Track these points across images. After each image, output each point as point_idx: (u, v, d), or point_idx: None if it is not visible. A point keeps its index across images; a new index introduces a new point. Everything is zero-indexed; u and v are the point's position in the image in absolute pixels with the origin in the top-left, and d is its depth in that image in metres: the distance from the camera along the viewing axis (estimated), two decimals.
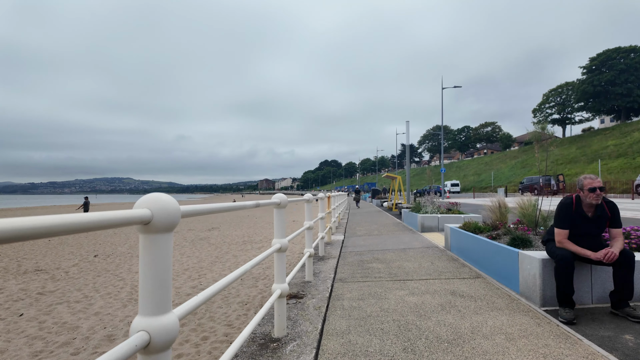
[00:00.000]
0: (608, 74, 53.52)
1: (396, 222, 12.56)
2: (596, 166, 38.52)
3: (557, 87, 68.18)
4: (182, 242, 13.24)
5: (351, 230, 10.77)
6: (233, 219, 23.52)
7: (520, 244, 4.18)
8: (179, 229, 17.82)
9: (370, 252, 6.71)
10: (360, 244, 7.78)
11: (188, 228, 18.11)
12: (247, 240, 13.63)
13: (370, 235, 9.18)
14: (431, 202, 10.27)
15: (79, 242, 13.70)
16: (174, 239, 14.28)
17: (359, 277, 4.77)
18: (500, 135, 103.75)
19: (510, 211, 6.36)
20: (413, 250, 6.68)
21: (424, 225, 9.25)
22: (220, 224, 20.54)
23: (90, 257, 10.41)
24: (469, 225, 5.87)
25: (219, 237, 14.71)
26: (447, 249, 6.53)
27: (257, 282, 7.30)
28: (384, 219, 13.92)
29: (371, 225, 11.88)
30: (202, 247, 12.18)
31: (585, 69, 57.63)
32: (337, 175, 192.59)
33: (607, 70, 54.65)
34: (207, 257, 10.28)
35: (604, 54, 54.70)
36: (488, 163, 79.03)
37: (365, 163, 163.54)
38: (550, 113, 71.05)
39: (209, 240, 13.83)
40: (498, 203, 6.22)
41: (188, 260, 9.84)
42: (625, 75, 52.21)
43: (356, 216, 16.65)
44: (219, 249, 11.57)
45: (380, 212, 18.25)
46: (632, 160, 34.12)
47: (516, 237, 4.25)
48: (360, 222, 13.10)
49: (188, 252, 11.09)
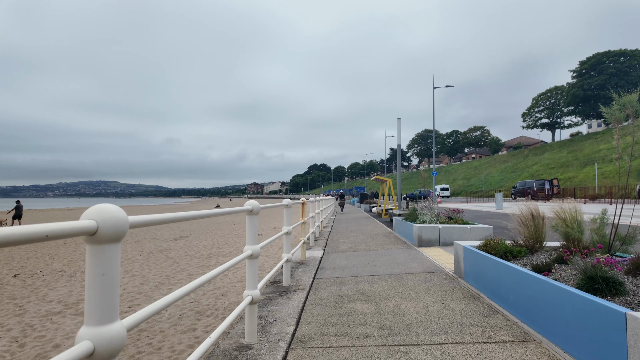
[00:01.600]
0: (598, 78, 53.10)
1: (387, 231, 10.80)
2: (589, 170, 37.56)
3: (546, 91, 67.85)
4: (135, 256, 11.24)
5: (333, 242, 8.96)
6: (208, 226, 21.51)
7: (606, 288, 2.43)
8: (140, 238, 15.77)
9: (353, 279, 4.91)
10: (341, 265, 5.97)
11: (152, 237, 16.08)
12: (214, 252, 11.71)
13: (355, 251, 7.39)
14: (429, 208, 8.52)
15: (10, 255, 11.57)
16: (131, 250, 12.28)
17: (333, 335, 2.96)
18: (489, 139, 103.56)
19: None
20: (412, 276, 4.89)
21: (422, 238, 7.49)
22: (192, 231, 18.54)
23: (7, 278, 8.37)
24: (494, 245, 4.12)
25: (183, 248, 12.73)
26: (459, 276, 4.76)
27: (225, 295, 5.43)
28: (373, 228, 12.15)
29: (357, 235, 10.10)
30: (156, 261, 10.22)
31: (576, 72, 57.21)
32: (326, 179, 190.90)
33: (597, 74, 54.26)
34: (156, 276, 8.34)
35: (594, 57, 54.31)
36: (477, 167, 78.26)
37: (354, 167, 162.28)
38: (539, 117, 70.69)
39: (169, 252, 11.86)
40: (531, 212, 4.49)
41: (130, 281, 7.90)
42: (615, 79, 51.81)
43: (341, 223, 14.86)
44: (174, 265, 9.62)
45: (369, 219, 16.50)
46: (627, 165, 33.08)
47: (595, 277, 2.50)
48: (345, 232, 11.30)
49: (135, 269, 9.13)
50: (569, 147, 51.50)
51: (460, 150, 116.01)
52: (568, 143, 54.04)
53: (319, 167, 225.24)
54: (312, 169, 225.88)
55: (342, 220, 16.98)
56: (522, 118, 74.62)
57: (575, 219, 4.27)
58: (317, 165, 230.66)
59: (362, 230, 11.60)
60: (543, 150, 59.90)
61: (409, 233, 8.33)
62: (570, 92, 57.18)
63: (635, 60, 51.33)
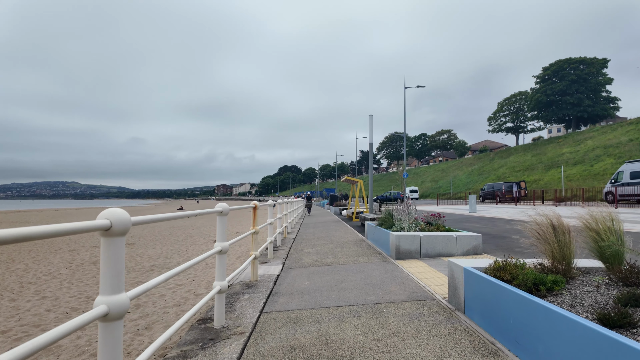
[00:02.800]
0: (560, 84, 54.84)
1: (358, 238, 9.57)
2: (554, 173, 38.33)
3: (511, 96, 69.69)
4: (61, 269, 9.41)
5: (297, 253, 7.61)
6: (163, 230, 19.56)
7: None
8: (78, 246, 13.78)
9: (315, 313, 3.58)
10: (301, 288, 4.64)
11: (92, 244, 14.10)
12: (158, 264, 10.06)
13: (321, 265, 6.08)
14: (407, 212, 7.34)
15: None
16: (58, 262, 10.39)
17: None
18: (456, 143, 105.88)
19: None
20: (393, 308, 3.63)
21: (400, 249, 6.28)
22: (142, 237, 16.63)
23: None
24: (512, 270, 2.91)
25: None
26: (457, 307, 3.54)
27: None
28: (342, 234, 10.90)
29: (325, 244, 8.79)
30: (83, 276, 8.48)
31: (539, 78, 58.94)
32: (297, 181, 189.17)
33: (559, 80, 56.06)
34: (72, 299, 6.67)
35: (556, 64, 56.11)
36: (444, 170, 79.35)
37: (325, 169, 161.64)
38: (504, 121, 72.55)
39: None
40: (551, 222, 3.34)
41: (33, 307, 6.20)
42: (576, 85, 53.68)
43: (309, 228, 13.52)
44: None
45: (338, 223, 15.27)
46: (590, 168, 33.96)
47: None
48: (312, 239, 9.98)
49: (51, 288, 7.39)
50: (533, 150, 52.80)
51: (427, 154, 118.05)
52: (532, 147, 55.44)
53: (290, 168, 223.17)
54: (283, 170, 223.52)
55: (310, 224, 15.65)
56: (488, 122, 76.45)
57: (612, 230, 3.17)
58: (287, 166, 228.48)
59: (330, 236, 10.31)
60: (508, 154, 61.30)
61: (384, 242, 7.12)
62: (534, 97, 58.84)
63: (593, 67, 53.46)
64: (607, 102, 54.80)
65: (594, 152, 37.65)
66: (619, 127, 41.76)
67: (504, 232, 9.61)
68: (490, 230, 10.28)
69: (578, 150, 41.10)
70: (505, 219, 14.11)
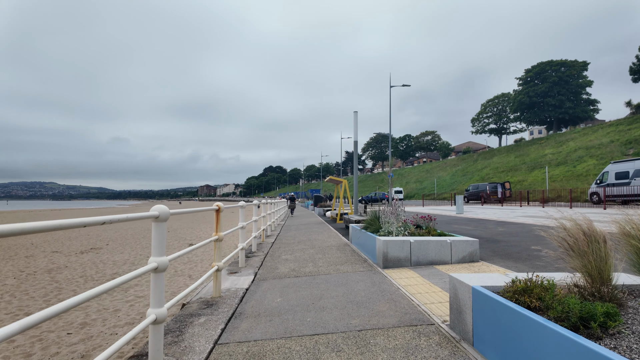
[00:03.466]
0: (542, 86, 55.46)
1: (342, 242, 8.83)
2: (537, 173, 38.49)
3: (494, 97, 70.30)
4: (7, 279, 8.36)
5: (273, 260, 6.81)
6: (136, 234, 18.44)
7: None
8: (37, 252, 12.62)
9: (283, 347, 2.80)
10: (272, 307, 3.85)
11: (54, 249, 12.97)
12: (123, 272, 9.10)
13: (298, 276, 5.30)
14: (395, 214, 6.62)
15: None
16: (8, 270, 9.31)
17: None
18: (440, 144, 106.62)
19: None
20: (383, 338, 2.88)
21: (388, 257, 5.55)
22: (112, 240, 15.53)
23: None
24: (542, 294, 2.19)
25: (86, 265, 9.96)
26: (463, 336, 2.81)
27: None
28: (325, 237, 10.14)
29: (305, 249, 8.01)
30: (30, 288, 7.47)
31: (521, 80, 59.52)
32: (282, 181, 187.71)
33: (540, 82, 56.71)
34: (7, 316, 5.71)
35: (538, 66, 56.74)
36: (429, 171, 79.61)
37: (310, 169, 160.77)
38: (487, 122, 73.16)
39: (61, 272, 9.06)
40: (582, 230, 2.64)
41: None
42: (557, 87, 54.36)
43: (290, 231, 12.71)
44: (52, 294, 6.97)
45: (322, 225, 14.51)
46: (573, 169, 34.13)
47: None
48: (292, 243, 9.18)
49: None
50: (516, 151, 53.20)
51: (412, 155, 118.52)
52: (515, 148, 55.90)
53: (275, 169, 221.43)
54: (268, 171, 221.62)
55: (292, 226, 14.84)
56: (472, 123, 76.99)
57: None
58: (272, 167, 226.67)
59: (312, 240, 9.53)
60: (491, 155, 61.72)
61: (370, 247, 6.39)
62: (517, 98, 59.41)
63: (574, 70, 54.27)
64: (587, 104, 55.73)
65: (576, 153, 37.95)
66: (600, 129, 42.32)
67: (497, 235, 9.02)
68: (482, 233, 9.69)
69: (560, 151, 41.44)
70: (495, 220, 13.60)
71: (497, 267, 5.23)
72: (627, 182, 19.35)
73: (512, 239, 8.29)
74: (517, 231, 9.75)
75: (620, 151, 31.94)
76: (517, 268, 5.20)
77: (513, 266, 5.34)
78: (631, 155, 30.28)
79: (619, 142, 34.54)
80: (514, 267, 5.30)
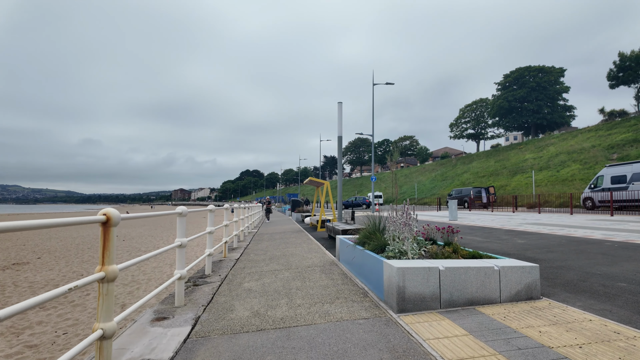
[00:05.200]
0: (521, 91, 55.52)
1: (327, 260, 6.80)
2: (520, 178, 37.77)
3: (472, 102, 70.30)
4: None
5: (230, 291, 4.70)
6: (82, 243, 15.80)
7: None
8: None
9: None
10: None
11: None
12: None
13: (263, 329, 3.24)
14: (407, 225, 4.65)
15: None
16: None
17: None
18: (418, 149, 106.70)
19: None
20: None
21: (406, 293, 3.55)
22: (50, 252, 12.92)
23: None
24: None
25: None
26: None
27: None
28: (305, 251, 8.08)
29: (279, 271, 5.93)
30: None
31: (500, 85, 59.54)
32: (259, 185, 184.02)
33: (519, 88, 56.81)
34: None
35: (517, 71, 56.85)
36: (407, 175, 78.91)
37: (288, 174, 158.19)
38: (465, 127, 73.13)
39: None
40: None
41: None
42: (535, 92, 54.50)
43: (262, 242, 10.57)
44: None
45: (300, 234, 12.44)
46: (556, 173, 33.44)
47: None
48: (261, 260, 7.07)
49: None
50: (496, 156, 52.84)
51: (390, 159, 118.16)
52: (494, 153, 55.62)
53: (252, 173, 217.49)
54: (244, 175, 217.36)
55: (265, 235, 12.70)
56: (450, 128, 76.85)
57: None
58: (249, 171, 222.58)
59: (287, 256, 7.45)
60: (470, 160, 61.35)
61: (371, 273, 4.40)
62: (496, 103, 59.35)
63: (552, 76, 54.62)
64: (564, 110, 56.20)
65: (558, 157, 37.46)
66: (579, 134, 42.21)
67: (525, 251, 7.17)
68: (501, 246, 7.87)
69: (541, 156, 40.98)
70: (501, 229, 11.89)
71: (582, 314, 3.34)
72: (625, 187, 18.28)
73: (550, 256, 6.47)
74: (545, 244, 7.96)
75: (605, 156, 31.46)
76: (614, 314, 3.33)
77: (602, 309, 3.48)
78: (615, 159, 29.77)
79: (601, 147, 34.18)
80: (604, 310, 3.44)
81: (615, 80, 42.89)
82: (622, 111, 47.87)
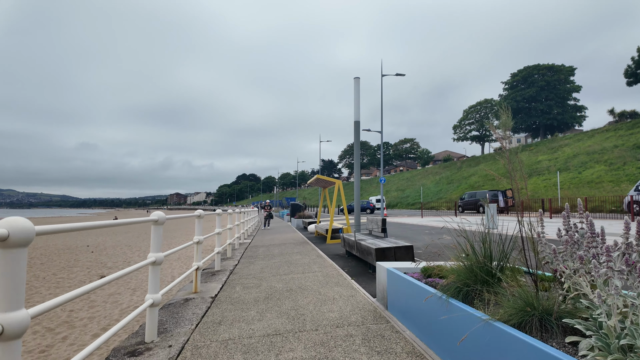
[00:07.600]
0: (529, 90, 53.14)
1: (361, 303, 4.03)
2: (537, 180, 35.16)
3: (476, 103, 67.95)
4: None
5: None
6: (53, 253, 12.96)
7: None
8: None
9: None
10: None
11: None
12: None
13: None
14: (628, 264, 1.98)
15: None
16: None
17: None
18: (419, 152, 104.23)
19: None
20: None
21: None
22: None
23: None
24: None
25: None
26: None
27: None
28: (321, 283, 5.31)
29: (284, 342, 3.16)
30: None
31: (507, 84, 57.19)
32: (255, 189, 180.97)
33: (527, 87, 54.45)
34: None
35: (525, 70, 54.53)
36: (409, 179, 76.32)
37: (285, 177, 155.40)
38: (469, 129, 70.72)
39: None
40: None
41: None
42: (545, 92, 52.13)
43: (256, 260, 7.76)
44: None
45: (306, 247, 9.65)
46: (578, 175, 30.86)
47: None
48: (252, 304, 4.29)
49: None
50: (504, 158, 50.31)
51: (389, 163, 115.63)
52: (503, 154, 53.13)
53: (248, 177, 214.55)
54: (241, 179, 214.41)
55: (260, 249, 9.89)
56: (453, 130, 74.41)
57: None
58: (246, 175, 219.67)
59: (296, 295, 4.68)
60: (476, 162, 58.84)
61: None
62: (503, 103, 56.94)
63: (562, 74, 52.30)
64: (574, 110, 53.87)
65: (577, 158, 34.92)
66: (596, 134, 39.77)
67: None
68: None
69: (557, 157, 38.45)
70: None
71: None
72: None
73: None
74: None
75: (633, 156, 28.93)
76: None
77: None
78: None
79: (625, 147, 31.67)
80: None
81: (634, 77, 40.50)
82: (634, 112, 45.63)
